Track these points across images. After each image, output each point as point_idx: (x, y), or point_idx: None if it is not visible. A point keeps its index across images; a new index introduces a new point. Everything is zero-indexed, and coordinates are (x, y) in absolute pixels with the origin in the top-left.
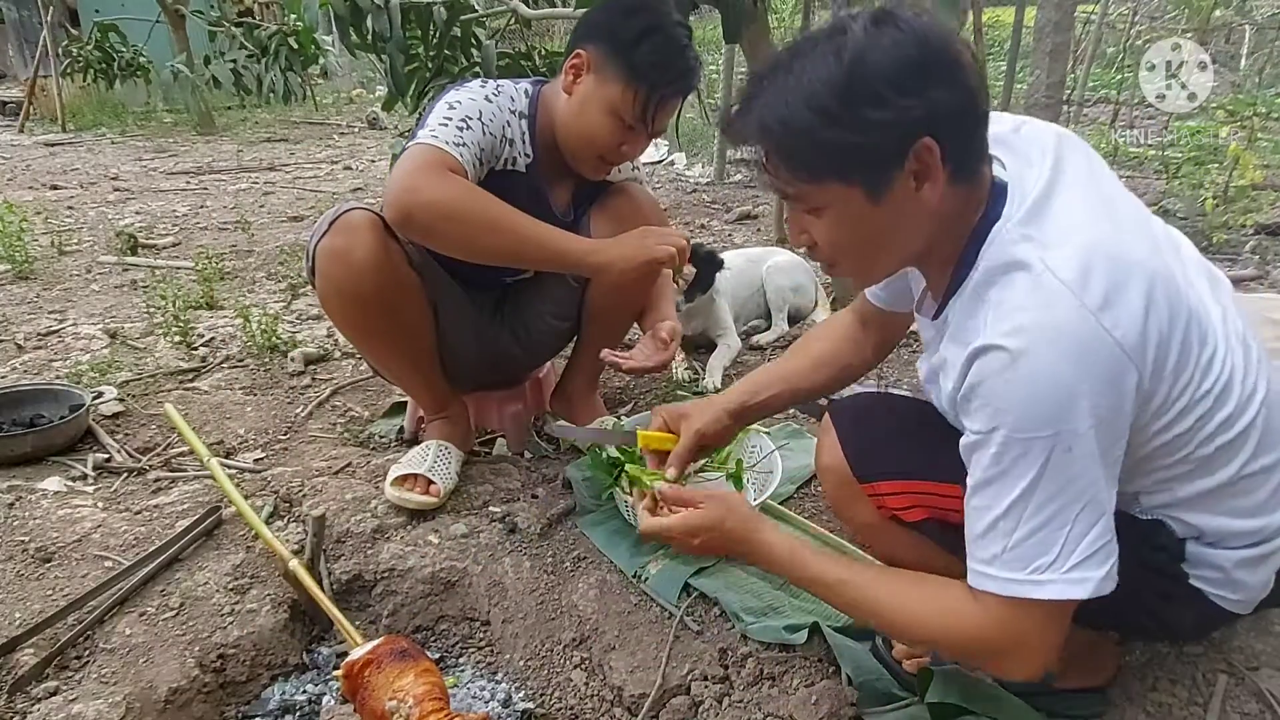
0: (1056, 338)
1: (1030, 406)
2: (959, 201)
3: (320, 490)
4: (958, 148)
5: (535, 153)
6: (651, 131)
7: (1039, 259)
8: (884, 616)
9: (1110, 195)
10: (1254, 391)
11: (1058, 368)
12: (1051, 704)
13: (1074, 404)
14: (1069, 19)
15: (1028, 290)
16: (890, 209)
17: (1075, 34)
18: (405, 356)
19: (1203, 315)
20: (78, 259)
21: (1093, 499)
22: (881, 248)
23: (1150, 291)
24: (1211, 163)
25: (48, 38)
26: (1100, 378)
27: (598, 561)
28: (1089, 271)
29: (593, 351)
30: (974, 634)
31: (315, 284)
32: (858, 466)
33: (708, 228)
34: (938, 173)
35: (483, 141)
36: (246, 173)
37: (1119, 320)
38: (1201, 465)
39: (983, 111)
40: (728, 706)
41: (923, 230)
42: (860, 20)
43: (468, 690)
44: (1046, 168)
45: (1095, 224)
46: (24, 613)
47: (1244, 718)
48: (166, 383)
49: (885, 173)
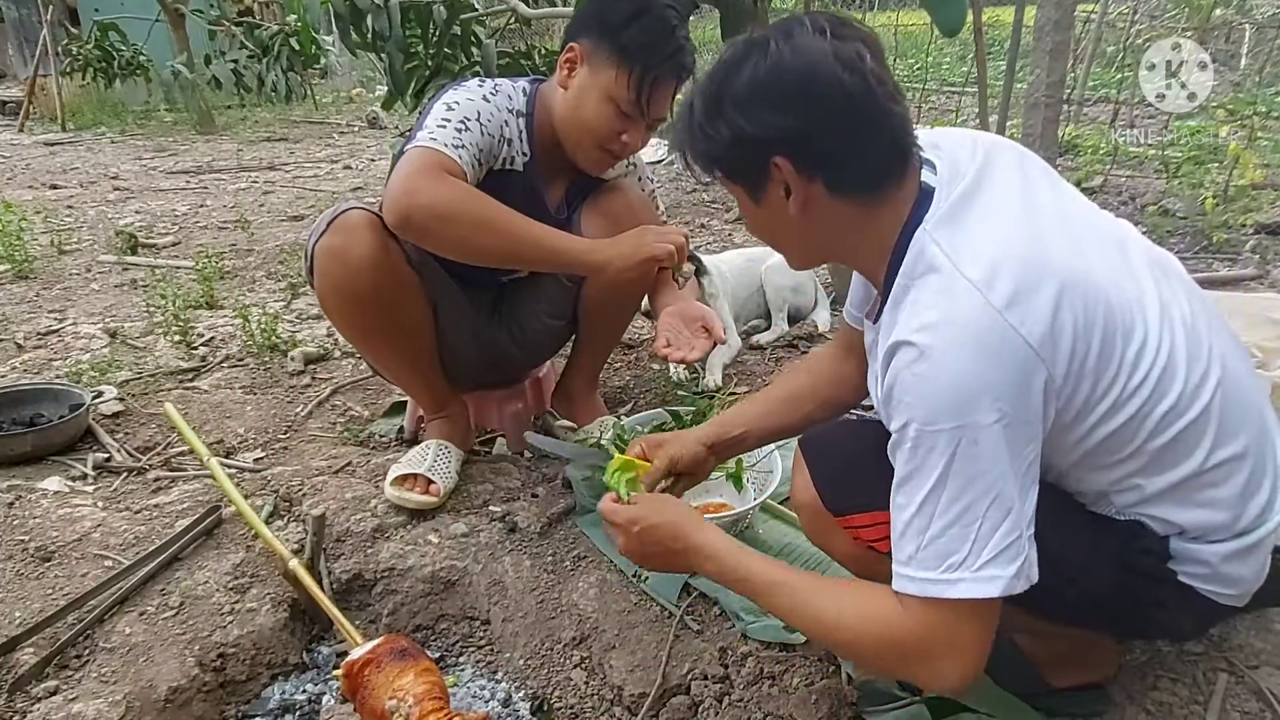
0: (961, 333)
1: (935, 400)
2: (858, 212)
3: (320, 490)
4: (829, 166)
5: (533, 151)
6: (649, 119)
7: (948, 260)
8: (812, 621)
9: (1036, 198)
10: (1204, 379)
11: (961, 362)
12: (1052, 703)
13: (977, 398)
14: (1069, 18)
15: (937, 290)
16: (770, 213)
17: (1075, 33)
18: (404, 356)
19: (1129, 310)
20: (77, 258)
21: (1000, 494)
22: (781, 241)
23: (1061, 292)
24: (1211, 162)
25: (47, 37)
26: (1005, 373)
27: (598, 561)
28: (997, 272)
29: (591, 350)
30: (893, 637)
31: (314, 284)
32: (830, 500)
33: (708, 227)
34: (801, 188)
35: (481, 142)
36: (246, 172)
37: (1025, 318)
38: (1159, 458)
39: (863, 135)
40: (728, 706)
41: (812, 235)
42: (743, 41)
43: (468, 690)
44: (971, 172)
45: (1009, 227)
46: (24, 612)
47: (1244, 716)
48: (166, 382)
49: (756, 180)
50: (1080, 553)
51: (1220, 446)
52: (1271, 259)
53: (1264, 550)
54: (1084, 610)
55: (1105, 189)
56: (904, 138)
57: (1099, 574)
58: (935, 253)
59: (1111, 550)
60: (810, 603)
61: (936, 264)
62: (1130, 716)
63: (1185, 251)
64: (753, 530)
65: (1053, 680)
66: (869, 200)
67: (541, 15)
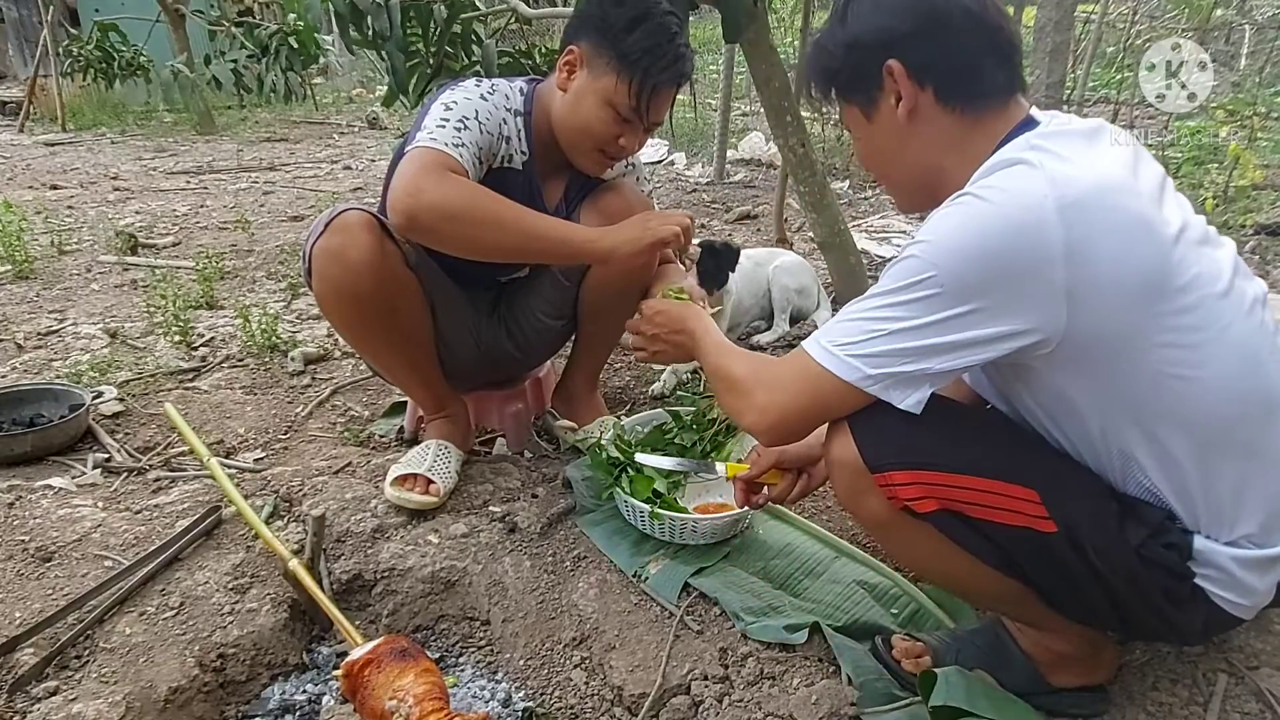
0: (1009, 201)
1: (944, 239)
2: (961, 126)
3: (320, 490)
4: (938, 72)
5: (531, 150)
6: (648, 124)
7: (1041, 161)
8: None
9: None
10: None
11: (991, 224)
12: (1052, 703)
13: (979, 262)
14: (1069, 18)
15: (1013, 172)
16: (882, 127)
17: (1075, 33)
18: (403, 356)
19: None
20: (78, 258)
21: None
22: (890, 162)
23: (1125, 222)
24: (1211, 162)
25: (48, 37)
26: (1020, 257)
27: (598, 561)
28: (1076, 180)
29: (590, 351)
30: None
31: (312, 285)
32: (869, 456)
33: (708, 227)
34: (912, 91)
35: (480, 140)
36: (246, 172)
37: (1075, 223)
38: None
39: (976, 42)
40: (728, 706)
41: (921, 148)
42: None
43: (468, 690)
44: (1089, 127)
45: (1107, 162)
46: (24, 612)
47: (1244, 717)
48: (166, 382)
49: (868, 93)
50: (1107, 538)
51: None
52: (1271, 259)
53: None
54: (1097, 602)
55: None
56: (1012, 54)
57: (1120, 562)
58: (1029, 154)
59: (1137, 540)
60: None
61: (1027, 160)
62: (1130, 716)
63: None
64: (753, 530)
65: (1053, 679)
66: (974, 114)
67: (542, 15)
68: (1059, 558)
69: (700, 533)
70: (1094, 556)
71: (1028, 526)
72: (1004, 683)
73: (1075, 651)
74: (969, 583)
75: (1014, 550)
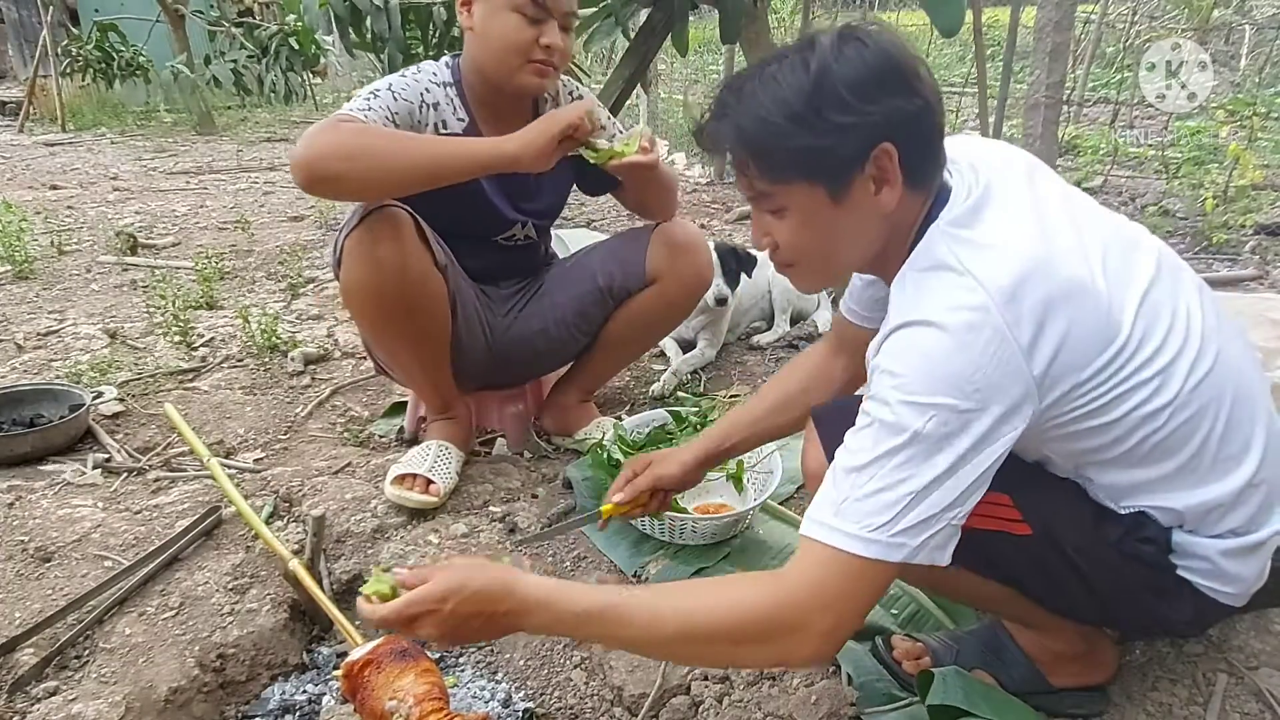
0: (957, 321)
1: (920, 375)
2: (914, 207)
3: (320, 490)
4: (914, 155)
5: (471, 114)
6: (557, 16)
7: (958, 259)
8: (670, 631)
9: (1047, 204)
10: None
11: (954, 349)
12: (1051, 703)
13: (961, 384)
14: (1069, 18)
15: (943, 284)
16: (850, 210)
17: (1075, 34)
18: (418, 355)
19: (1128, 312)
20: (77, 259)
21: (948, 482)
22: (839, 247)
23: (1059, 295)
24: (1211, 163)
25: (47, 37)
26: (991, 368)
27: (598, 561)
28: (1000, 272)
29: (594, 371)
30: (778, 600)
31: (339, 275)
32: None
33: (708, 227)
34: (895, 177)
35: (394, 106)
36: (246, 173)
37: (1020, 319)
38: (1157, 450)
39: (939, 123)
40: (728, 706)
41: (878, 233)
42: (828, 36)
43: (468, 690)
44: (985, 175)
45: (1019, 230)
46: (24, 613)
47: (1244, 717)
48: (166, 382)
49: (847, 175)
50: (1085, 538)
51: (1222, 442)
52: (1271, 259)
53: (1266, 551)
54: (1086, 601)
55: (1105, 189)
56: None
57: (1102, 561)
58: (943, 250)
59: (1114, 537)
60: (663, 610)
61: (945, 261)
62: (1130, 716)
63: (1185, 252)
64: (753, 530)
65: (1053, 679)
66: (924, 196)
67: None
68: (1038, 558)
69: (700, 533)
70: (1073, 555)
71: (1003, 530)
72: (1004, 683)
73: (1073, 651)
74: (955, 586)
75: (993, 554)
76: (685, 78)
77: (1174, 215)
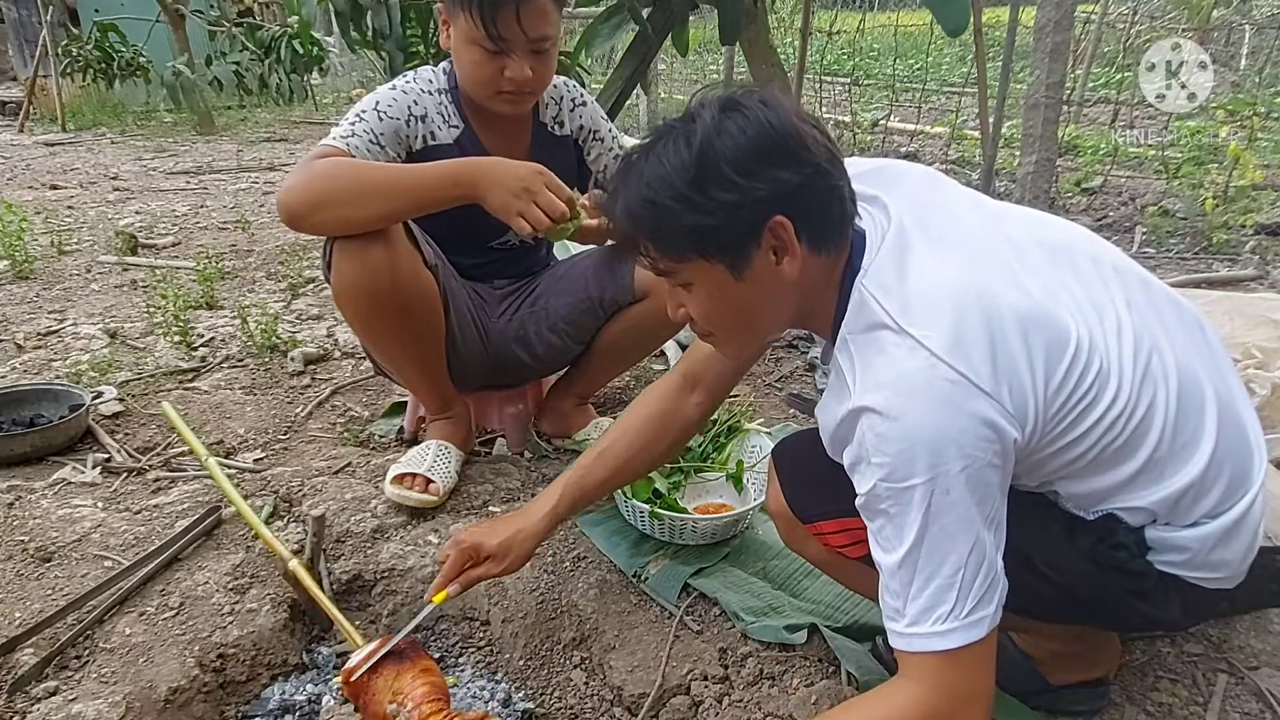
0: (912, 388)
1: (901, 457)
2: (825, 268)
3: (320, 490)
4: (811, 222)
5: (465, 120)
6: (520, 46)
7: (887, 315)
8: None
9: (962, 227)
10: (1146, 373)
11: (919, 417)
12: (1051, 701)
13: (941, 449)
14: (1069, 18)
15: (882, 349)
16: (753, 283)
17: (1075, 34)
18: (413, 356)
19: (1067, 321)
20: (78, 259)
21: (977, 539)
22: (751, 319)
23: (1000, 326)
24: (1211, 163)
25: (47, 37)
26: (963, 419)
27: (598, 561)
28: (934, 320)
29: (590, 378)
30: (919, 708)
31: (330, 279)
32: (797, 508)
33: None
34: (794, 247)
35: (378, 127)
36: (246, 172)
37: (970, 361)
38: (1116, 456)
39: (835, 185)
40: (728, 706)
41: (791, 298)
42: (710, 109)
43: (468, 690)
44: (893, 210)
45: (941, 268)
46: (24, 613)
47: (1244, 717)
48: (166, 382)
49: (744, 250)
50: (1056, 552)
51: (1175, 432)
52: (1271, 259)
53: (1247, 529)
54: (1068, 608)
55: (1105, 189)
56: (849, 184)
57: (1077, 572)
58: (875, 308)
59: (1086, 546)
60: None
61: (877, 318)
62: (1130, 717)
63: (1185, 252)
64: (753, 530)
65: (1052, 678)
66: (835, 255)
67: None
68: (1011, 576)
69: (700, 533)
70: (1045, 569)
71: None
72: (1003, 683)
73: (1070, 649)
74: None
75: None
76: (685, 78)
77: (1174, 215)
